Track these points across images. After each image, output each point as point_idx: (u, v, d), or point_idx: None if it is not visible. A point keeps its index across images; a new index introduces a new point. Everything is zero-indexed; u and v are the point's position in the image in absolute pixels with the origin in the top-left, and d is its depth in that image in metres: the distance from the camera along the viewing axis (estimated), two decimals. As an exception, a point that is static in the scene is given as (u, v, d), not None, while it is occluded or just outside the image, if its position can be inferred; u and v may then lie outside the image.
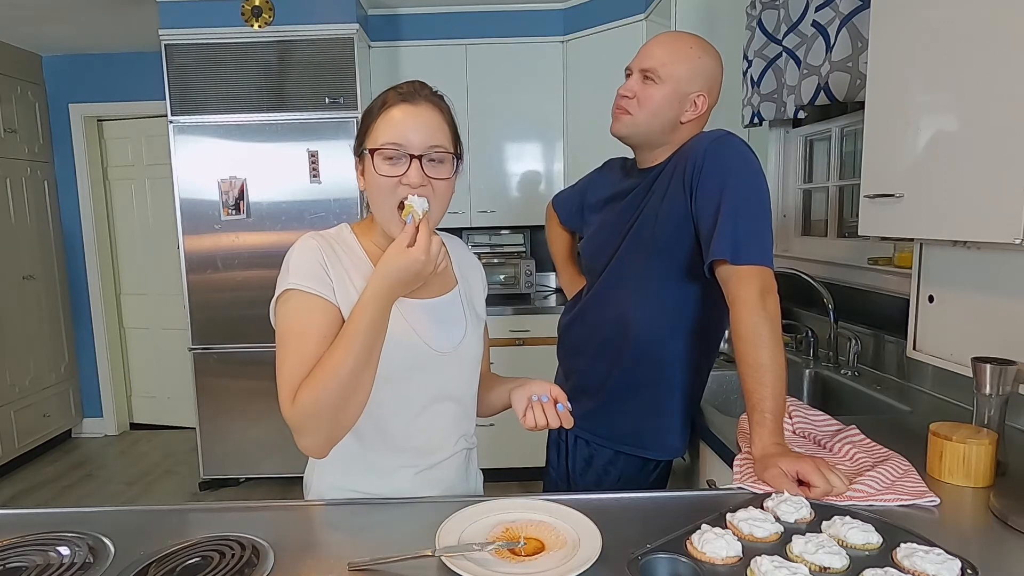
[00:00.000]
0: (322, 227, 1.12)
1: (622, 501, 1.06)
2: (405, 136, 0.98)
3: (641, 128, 1.36)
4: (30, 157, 3.88)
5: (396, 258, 0.91)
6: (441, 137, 1.01)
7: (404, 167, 0.98)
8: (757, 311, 1.15)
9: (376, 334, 0.93)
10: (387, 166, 0.98)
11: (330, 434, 0.96)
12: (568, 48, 3.47)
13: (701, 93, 1.34)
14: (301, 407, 0.93)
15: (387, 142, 0.98)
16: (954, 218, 1.16)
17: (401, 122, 0.99)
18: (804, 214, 2.48)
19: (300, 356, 0.95)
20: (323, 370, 0.92)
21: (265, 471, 3.40)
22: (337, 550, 0.91)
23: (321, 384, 0.91)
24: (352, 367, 0.91)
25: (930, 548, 0.82)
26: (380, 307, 0.93)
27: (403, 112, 0.99)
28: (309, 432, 0.95)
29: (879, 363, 1.84)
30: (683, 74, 1.32)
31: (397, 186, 0.98)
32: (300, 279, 0.99)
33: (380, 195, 1.00)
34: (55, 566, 0.86)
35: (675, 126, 1.36)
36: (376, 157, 0.99)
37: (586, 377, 1.48)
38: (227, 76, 3.15)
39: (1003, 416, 1.15)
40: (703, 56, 1.35)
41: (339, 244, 1.07)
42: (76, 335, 4.23)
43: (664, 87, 1.33)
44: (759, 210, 1.23)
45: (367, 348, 0.93)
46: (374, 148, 0.99)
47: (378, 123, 1.00)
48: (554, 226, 1.83)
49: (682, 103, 1.34)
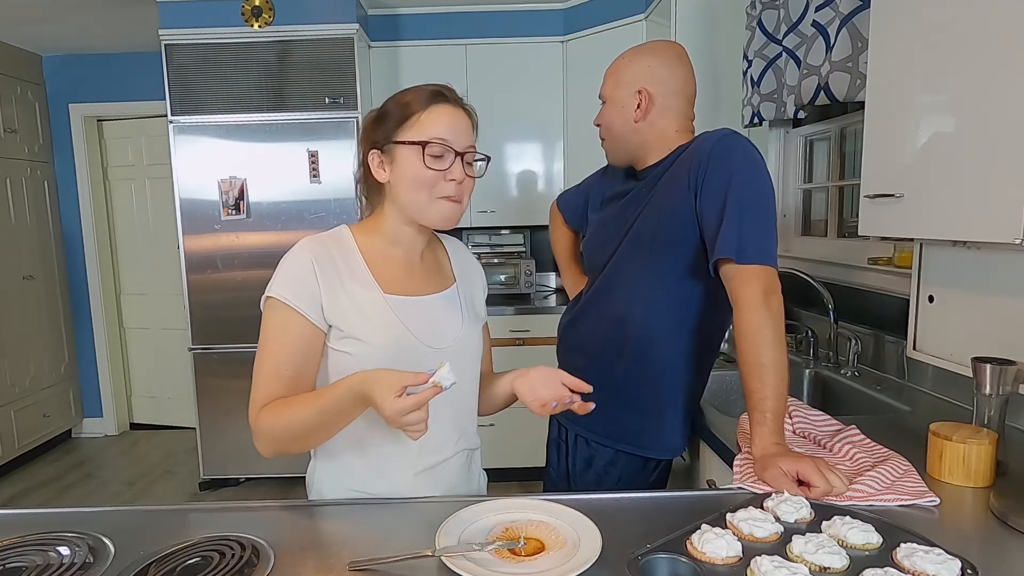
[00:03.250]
0: (322, 227, 1.12)
1: (622, 501, 1.06)
2: (454, 134, 1.03)
3: (616, 147, 1.46)
4: (30, 157, 3.88)
5: (383, 394, 0.88)
6: (473, 139, 1.07)
7: (448, 163, 1.03)
8: (760, 311, 1.15)
9: (339, 417, 0.99)
10: (433, 160, 1.02)
11: (282, 452, 1.04)
12: (568, 48, 3.47)
13: (639, 89, 1.38)
14: (260, 427, 1.02)
15: (437, 137, 1.02)
16: (954, 218, 1.16)
17: (450, 120, 1.04)
18: (804, 214, 2.48)
19: (274, 366, 1.03)
20: (286, 414, 1.00)
21: (265, 471, 3.40)
22: (337, 550, 0.91)
23: (280, 424, 1.00)
24: (309, 428, 1.00)
25: (930, 548, 0.82)
26: (351, 402, 0.95)
27: (450, 112, 1.04)
28: (261, 445, 1.05)
29: (879, 363, 1.84)
30: (614, 86, 1.42)
31: (439, 181, 1.03)
32: (283, 290, 1.03)
33: (421, 186, 1.03)
34: (55, 566, 0.86)
35: (635, 128, 1.39)
36: (426, 150, 1.02)
37: (586, 376, 1.46)
38: (227, 76, 3.15)
39: (1003, 416, 1.15)
40: (635, 59, 1.41)
41: (336, 247, 1.08)
42: (76, 335, 4.23)
43: (608, 106, 1.44)
44: (764, 210, 1.23)
45: (327, 422, 1.00)
46: (424, 141, 1.02)
47: (423, 119, 1.03)
48: (558, 225, 1.84)
49: (626, 107, 1.39)
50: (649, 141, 1.40)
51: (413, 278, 1.12)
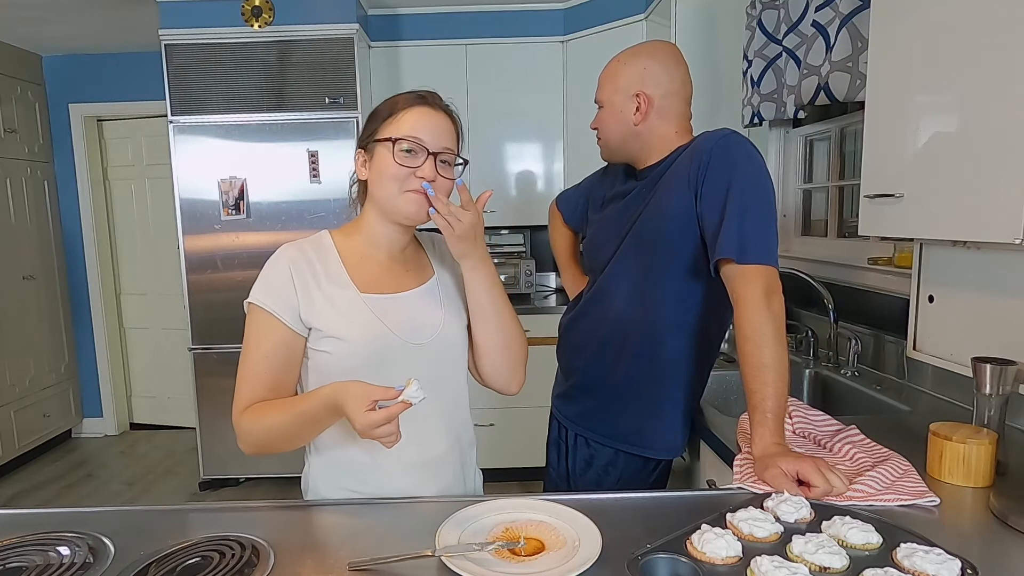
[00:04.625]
0: (322, 227, 1.13)
1: (622, 501, 1.06)
2: (426, 133, 1.06)
3: (612, 148, 1.46)
4: (30, 157, 3.88)
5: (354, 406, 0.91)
6: (451, 142, 1.10)
7: (420, 160, 1.05)
8: (761, 311, 1.15)
9: (314, 424, 1.03)
10: (404, 156, 1.05)
11: (263, 452, 1.07)
12: (568, 48, 3.47)
13: (637, 92, 1.37)
14: (242, 428, 1.05)
15: (409, 135, 1.05)
16: (954, 218, 1.16)
17: (422, 120, 1.07)
18: (804, 214, 2.48)
19: (253, 369, 1.07)
20: (266, 417, 1.03)
21: (265, 471, 3.40)
22: (337, 550, 0.91)
23: (260, 426, 1.04)
24: (287, 432, 1.03)
25: (930, 548, 0.82)
26: (325, 411, 0.98)
27: (425, 113, 1.08)
28: (244, 445, 1.07)
29: (879, 363, 1.84)
30: (611, 90, 1.41)
31: (409, 176, 1.06)
32: (262, 295, 1.07)
33: (391, 182, 1.06)
34: (55, 566, 0.86)
35: (635, 131, 1.39)
36: (396, 146, 1.05)
37: (587, 376, 1.48)
38: (227, 76, 3.15)
39: (1003, 416, 1.15)
40: (630, 62, 1.40)
41: (314, 251, 1.11)
42: (76, 335, 4.23)
43: (605, 109, 1.43)
44: (765, 209, 1.23)
45: (302, 428, 1.03)
46: (397, 137, 1.05)
47: (399, 119, 1.07)
48: (557, 225, 1.84)
49: (624, 111, 1.39)
50: (650, 143, 1.39)
51: (391, 276, 1.14)
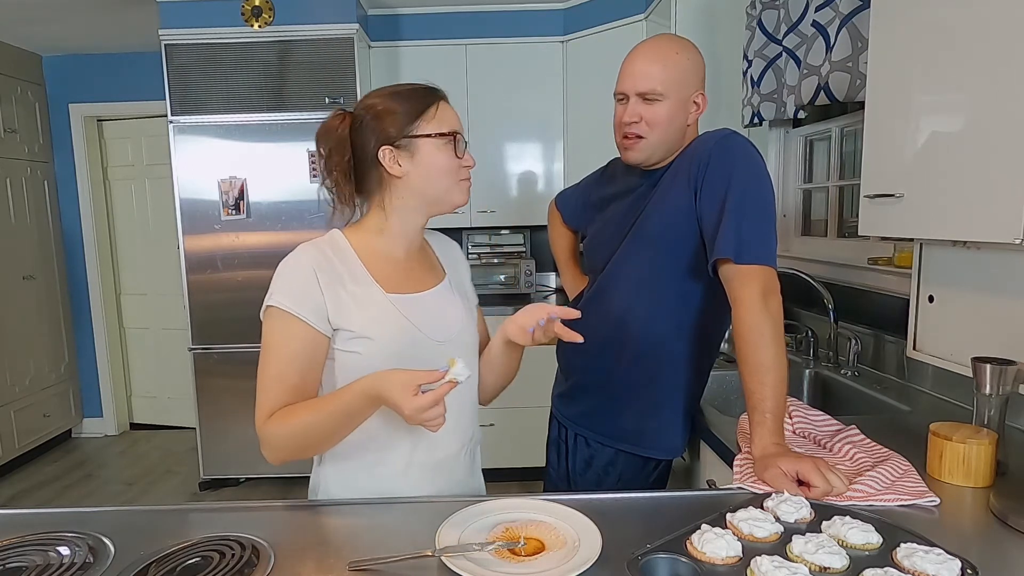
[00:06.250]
0: (322, 227, 1.13)
1: (622, 501, 1.06)
2: (457, 124, 1.11)
3: (658, 148, 1.35)
4: (30, 157, 3.88)
5: (400, 393, 0.91)
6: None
7: (463, 151, 1.11)
8: (759, 311, 1.15)
9: (349, 419, 1.00)
10: (452, 149, 1.09)
11: (290, 459, 1.05)
12: (568, 48, 3.47)
13: (699, 91, 1.36)
14: (269, 434, 1.02)
15: (453, 130, 1.10)
16: (954, 218, 1.16)
17: (451, 113, 1.12)
18: (804, 214, 2.48)
19: (278, 374, 1.03)
20: (294, 421, 1.01)
21: (265, 471, 3.40)
22: (337, 550, 0.91)
23: (290, 430, 1.01)
24: (320, 433, 1.02)
25: (930, 548, 0.82)
26: (363, 403, 0.97)
27: (449, 107, 1.12)
28: (270, 452, 1.05)
29: (879, 363, 1.84)
30: (679, 82, 1.32)
31: (460, 167, 1.11)
32: (284, 298, 1.03)
33: (445, 176, 1.09)
34: (55, 566, 0.86)
35: (684, 132, 1.37)
36: (456, 141, 1.10)
37: (586, 376, 1.48)
38: (227, 76, 3.15)
39: (1003, 416, 1.15)
40: (689, 56, 1.35)
41: (332, 250, 1.10)
42: (76, 335, 4.23)
43: (668, 101, 1.32)
44: (763, 210, 1.23)
45: (337, 425, 1.01)
46: (452, 131, 1.09)
47: (438, 115, 1.09)
48: (557, 225, 1.83)
49: (686, 108, 1.35)
50: (677, 145, 1.37)
51: (411, 275, 1.14)
